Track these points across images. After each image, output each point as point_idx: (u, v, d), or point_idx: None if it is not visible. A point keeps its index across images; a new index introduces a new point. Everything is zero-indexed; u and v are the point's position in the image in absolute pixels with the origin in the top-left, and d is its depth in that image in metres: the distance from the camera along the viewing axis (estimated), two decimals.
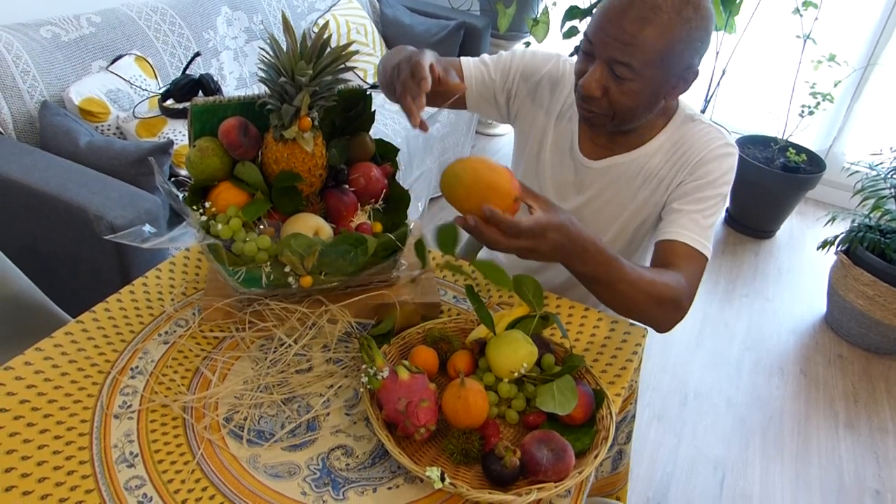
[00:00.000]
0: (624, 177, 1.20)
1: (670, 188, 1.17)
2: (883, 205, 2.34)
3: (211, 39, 2.38)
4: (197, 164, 1.02)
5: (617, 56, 1.00)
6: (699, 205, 1.11)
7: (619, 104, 1.05)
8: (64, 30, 1.96)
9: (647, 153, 1.18)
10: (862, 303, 2.34)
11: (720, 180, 1.12)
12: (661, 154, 1.17)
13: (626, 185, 1.21)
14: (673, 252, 1.09)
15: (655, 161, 1.18)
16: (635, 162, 1.19)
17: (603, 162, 1.21)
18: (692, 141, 1.15)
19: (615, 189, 1.22)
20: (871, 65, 3.09)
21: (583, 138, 1.23)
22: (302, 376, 0.98)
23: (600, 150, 1.21)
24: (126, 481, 0.79)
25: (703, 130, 1.15)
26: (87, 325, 1.02)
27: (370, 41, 2.88)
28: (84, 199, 1.51)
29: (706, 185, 1.12)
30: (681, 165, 1.15)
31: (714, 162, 1.12)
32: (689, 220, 1.10)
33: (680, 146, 1.16)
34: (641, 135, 1.18)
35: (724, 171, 1.12)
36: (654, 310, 1.01)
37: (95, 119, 1.87)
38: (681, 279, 1.03)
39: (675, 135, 1.17)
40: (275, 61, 0.98)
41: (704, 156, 1.13)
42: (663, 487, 1.83)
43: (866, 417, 2.14)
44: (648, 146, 1.18)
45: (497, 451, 0.81)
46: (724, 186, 1.12)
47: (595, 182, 1.23)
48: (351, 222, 1.09)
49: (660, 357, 2.31)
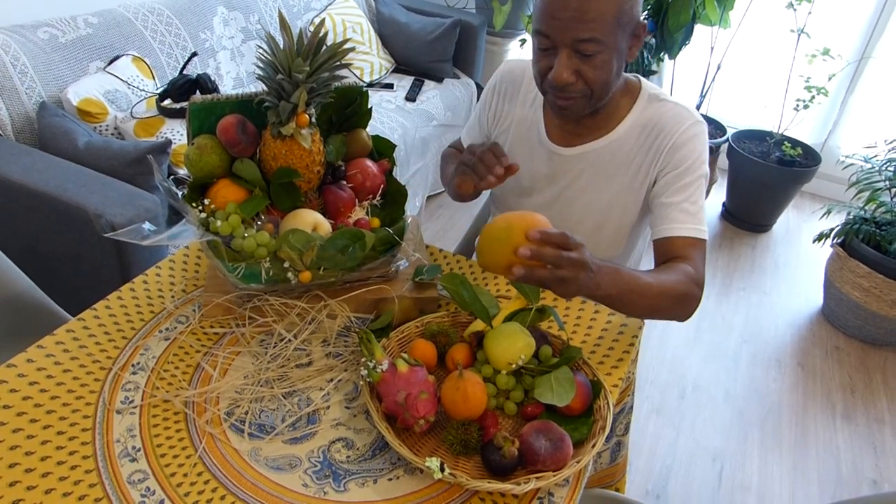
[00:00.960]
0: (597, 163, 1.22)
1: (648, 178, 1.18)
2: (878, 197, 2.35)
3: (208, 39, 2.38)
4: (195, 162, 1.02)
5: (579, 35, 1.01)
6: (684, 193, 1.14)
7: (594, 81, 1.06)
8: (61, 31, 1.97)
9: (618, 138, 1.19)
10: (858, 295, 2.35)
11: (697, 162, 1.14)
12: (633, 137, 1.19)
13: (601, 172, 1.22)
14: (673, 247, 1.13)
15: (627, 145, 1.19)
16: (607, 148, 1.20)
17: (576, 149, 1.22)
18: (662, 123, 1.16)
19: (589, 177, 1.23)
20: (864, 58, 3.10)
21: (550, 127, 1.25)
22: (302, 370, 0.99)
23: (571, 138, 1.23)
24: (129, 475, 0.80)
25: (671, 111, 1.17)
26: (89, 322, 1.02)
27: (366, 40, 2.89)
28: (83, 198, 1.52)
29: (685, 171, 1.14)
30: (655, 151, 1.16)
31: (687, 145, 1.14)
32: (678, 211, 1.13)
33: (650, 129, 1.17)
34: (609, 118, 1.19)
35: (698, 152, 1.15)
36: (676, 307, 1.06)
37: (94, 119, 1.88)
38: (689, 269, 1.07)
39: (643, 116, 1.18)
40: (272, 59, 0.99)
41: (676, 140, 1.14)
42: (662, 480, 1.84)
43: (863, 408, 2.16)
44: (618, 130, 1.19)
45: (496, 442, 0.82)
46: (702, 166, 1.15)
47: (569, 170, 1.24)
48: (349, 218, 1.10)
49: (658, 350, 2.33)
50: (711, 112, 3.27)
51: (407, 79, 2.97)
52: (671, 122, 1.15)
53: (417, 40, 2.96)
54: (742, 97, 3.45)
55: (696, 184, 1.14)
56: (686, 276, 1.06)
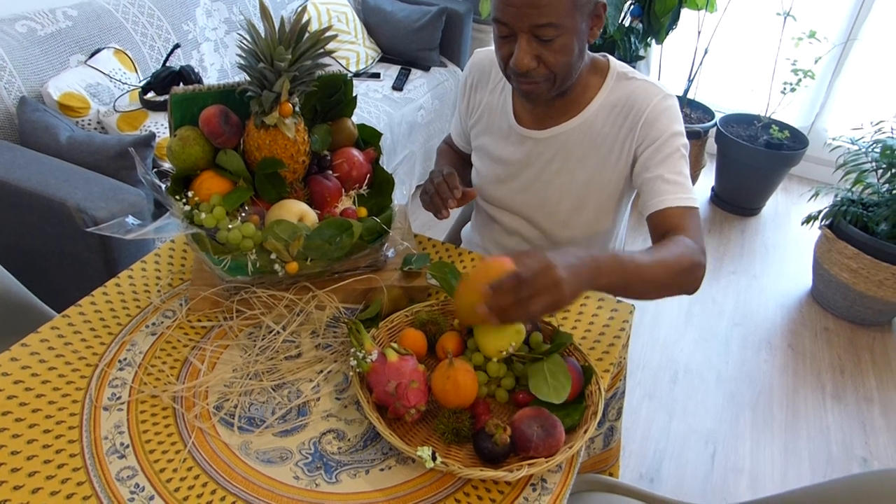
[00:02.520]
0: (570, 144, 1.21)
1: (625, 156, 1.18)
2: (864, 178, 2.36)
3: (191, 31, 2.35)
4: (178, 154, 1.01)
5: (536, 21, 1.01)
6: (665, 165, 1.13)
7: (556, 64, 1.06)
8: (40, 24, 1.93)
9: (588, 117, 1.19)
10: (846, 276, 2.36)
11: (672, 134, 1.14)
12: (603, 116, 1.18)
13: (574, 153, 1.22)
14: (666, 219, 1.11)
15: (599, 124, 1.19)
16: (579, 128, 1.20)
17: (547, 132, 1.22)
18: (632, 100, 1.16)
19: (563, 158, 1.23)
20: (850, 40, 3.10)
21: (520, 111, 1.26)
22: (291, 362, 0.98)
23: (542, 121, 1.23)
24: (117, 472, 0.79)
25: (640, 87, 1.17)
26: (73, 318, 1.01)
27: (352, 29, 2.86)
28: (66, 194, 1.50)
29: (662, 144, 1.13)
30: (629, 129, 1.16)
31: (660, 119, 1.14)
32: (663, 182, 1.12)
33: (621, 107, 1.17)
34: (579, 98, 1.19)
35: (672, 123, 1.14)
36: (683, 281, 1.02)
37: (75, 114, 1.85)
38: (687, 241, 1.05)
39: (613, 95, 1.18)
40: (253, 47, 0.97)
41: (647, 115, 1.14)
42: (656, 463, 1.84)
43: (853, 388, 2.17)
44: (588, 109, 1.19)
45: (487, 429, 0.81)
46: (679, 137, 1.14)
47: (542, 153, 1.24)
48: (335, 208, 1.09)
49: (649, 335, 2.33)
50: (699, 97, 3.27)
51: (394, 68, 2.95)
52: (641, 97, 1.15)
53: (403, 29, 2.94)
54: (729, 81, 3.45)
55: (675, 154, 1.13)
56: (686, 247, 1.03)
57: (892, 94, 3.16)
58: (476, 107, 1.34)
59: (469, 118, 1.37)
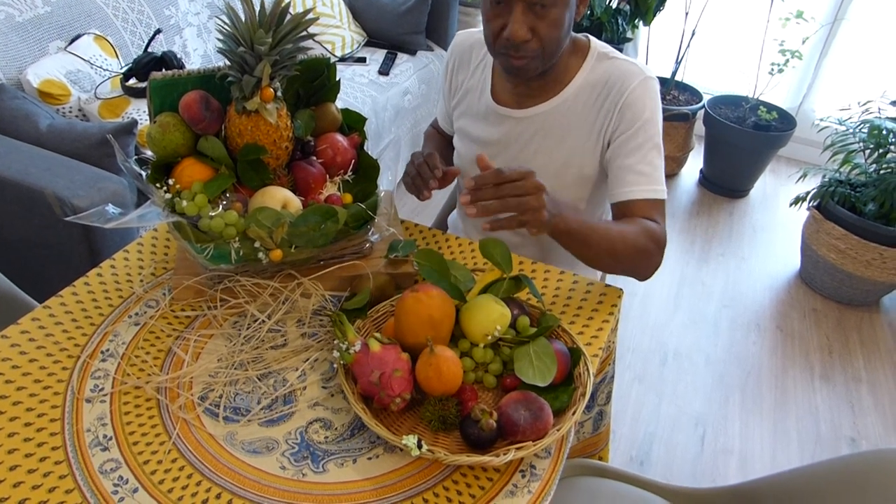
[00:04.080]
0: (549, 125, 1.21)
1: (602, 138, 1.17)
2: (852, 159, 2.36)
3: (173, 16, 2.32)
4: (158, 141, 0.99)
5: None
6: (637, 153, 1.13)
7: (547, 37, 1.06)
8: (18, 10, 1.89)
9: (567, 98, 1.19)
10: (834, 256, 2.37)
11: (649, 121, 1.13)
12: (583, 96, 1.18)
13: (554, 133, 1.21)
14: (631, 210, 1.14)
15: (579, 105, 1.18)
16: (558, 108, 1.19)
17: (527, 111, 1.22)
18: (612, 81, 1.15)
19: (542, 139, 1.22)
20: (838, 20, 3.09)
21: (500, 91, 1.25)
22: (277, 351, 0.97)
23: (522, 101, 1.22)
24: (101, 465, 0.78)
25: (620, 68, 1.16)
26: (55, 309, 0.99)
27: (337, 13, 2.83)
28: (47, 183, 1.48)
29: (637, 131, 1.13)
30: (606, 111, 1.16)
31: (637, 103, 1.13)
32: (634, 174, 1.13)
33: (601, 87, 1.16)
34: (560, 77, 1.19)
35: (650, 108, 1.14)
36: (635, 256, 1.07)
37: (56, 101, 1.82)
38: (647, 224, 1.09)
39: (592, 75, 1.18)
40: (233, 31, 0.95)
41: (627, 98, 1.13)
42: (646, 446, 1.85)
43: (841, 368, 2.19)
44: (568, 89, 1.18)
45: (473, 415, 0.81)
46: (655, 124, 1.14)
47: (521, 133, 1.23)
48: (320, 194, 1.07)
49: (639, 318, 2.34)
50: (687, 78, 3.26)
51: (379, 52, 2.92)
52: (620, 79, 1.15)
53: (389, 12, 2.90)
54: (717, 63, 3.44)
55: (649, 143, 1.13)
56: (643, 228, 1.08)
57: (879, 74, 3.15)
58: (458, 88, 1.33)
59: (451, 99, 1.36)
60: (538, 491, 0.80)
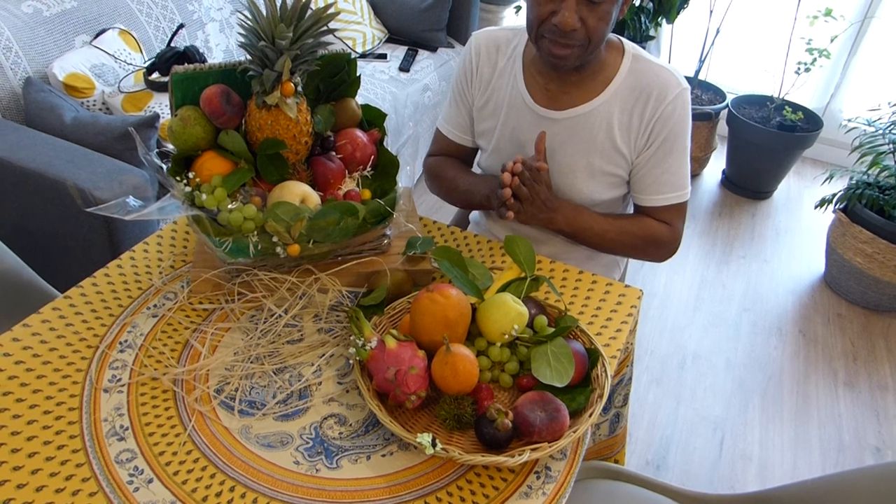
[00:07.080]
0: (587, 127, 1.19)
1: (635, 143, 1.18)
2: (881, 161, 2.31)
3: (196, 11, 2.33)
4: (179, 134, 1.00)
5: None
6: (666, 163, 1.18)
7: (594, 30, 1.06)
8: (46, 5, 1.92)
9: (607, 100, 1.18)
10: (861, 261, 2.32)
11: (681, 132, 1.17)
12: (620, 100, 1.17)
13: (589, 137, 1.20)
14: (650, 213, 1.24)
15: (616, 109, 1.18)
16: (598, 111, 1.18)
17: (565, 112, 1.20)
18: (650, 89, 1.15)
19: (578, 141, 1.20)
20: (867, 18, 3.03)
21: (533, 90, 1.22)
22: (293, 346, 0.97)
23: (557, 99, 1.20)
24: (117, 454, 0.79)
25: (659, 75, 1.16)
26: (75, 300, 1.00)
27: (358, 9, 2.83)
28: (70, 174, 1.49)
29: (671, 141, 1.17)
30: (643, 118, 1.16)
31: (673, 116, 1.15)
32: (661, 184, 1.20)
33: (638, 93, 1.16)
34: (594, 76, 1.18)
35: (683, 120, 1.17)
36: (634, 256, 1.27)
37: (80, 94, 1.84)
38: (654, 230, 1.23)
39: (630, 78, 1.17)
40: (254, 25, 0.95)
41: (664, 110, 1.15)
42: (662, 450, 1.83)
43: (866, 375, 2.14)
44: (607, 92, 1.18)
45: (489, 414, 0.80)
46: (686, 135, 1.18)
47: (557, 134, 1.21)
48: (339, 190, 1.07)
49: (658, 321, 2.31)
50: (710, 77, 3.21)
51: (400, 49, 2.92)
52: (658, 88, 1.15)
53: (410, 9, 2.90)
54: (742, 62, 3.39)
55: (678, 150, 1.18)
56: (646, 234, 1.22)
57: None
58: (483, 88, 1.28)
59: (477, 99, 1.30)
60: (553, 493, 0.79)
